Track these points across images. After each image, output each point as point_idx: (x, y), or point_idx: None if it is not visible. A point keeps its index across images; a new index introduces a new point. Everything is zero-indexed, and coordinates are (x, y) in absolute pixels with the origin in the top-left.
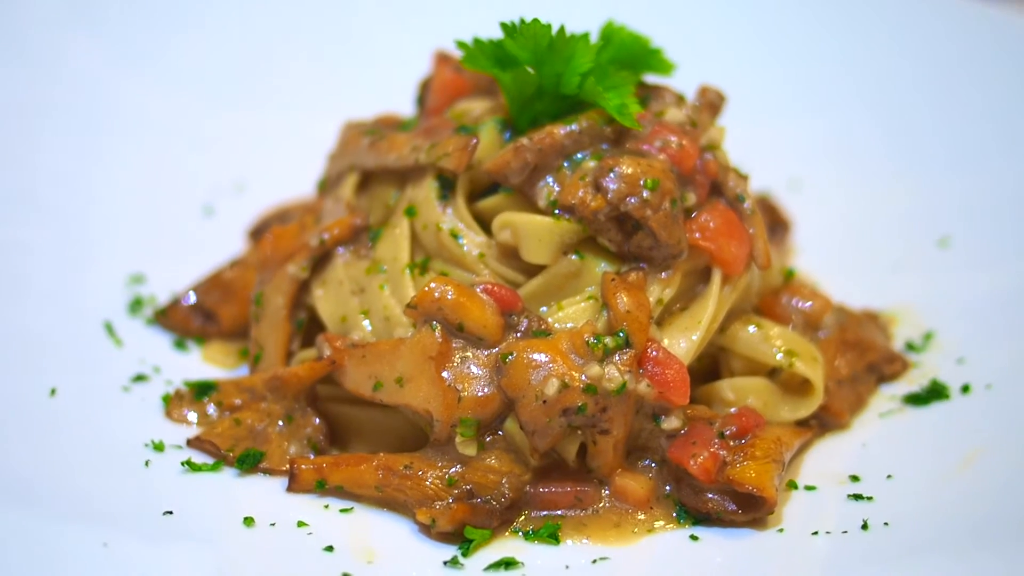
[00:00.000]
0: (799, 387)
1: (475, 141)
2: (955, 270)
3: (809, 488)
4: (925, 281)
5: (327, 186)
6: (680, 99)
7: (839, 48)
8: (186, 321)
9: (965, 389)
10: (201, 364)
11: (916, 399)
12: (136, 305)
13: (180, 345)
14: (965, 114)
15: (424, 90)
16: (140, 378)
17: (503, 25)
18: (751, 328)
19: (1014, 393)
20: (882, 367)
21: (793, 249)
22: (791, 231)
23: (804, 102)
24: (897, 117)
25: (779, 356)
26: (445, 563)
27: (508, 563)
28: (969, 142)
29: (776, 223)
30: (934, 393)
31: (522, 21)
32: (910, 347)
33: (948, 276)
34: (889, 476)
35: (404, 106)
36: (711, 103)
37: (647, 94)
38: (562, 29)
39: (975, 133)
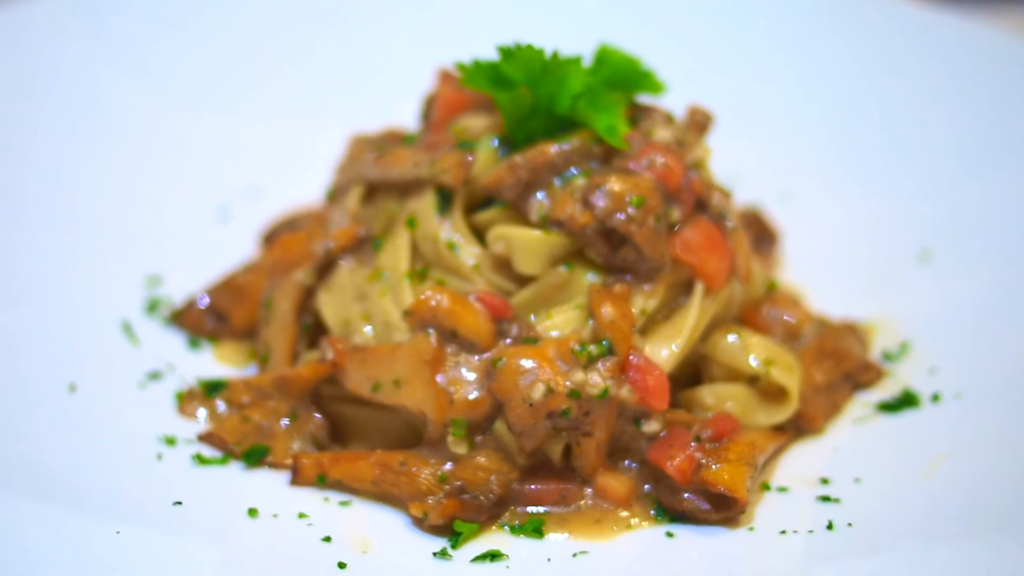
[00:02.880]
0: (776, 394)
1: (471, 158)
2: (934, 283)
3: (781, 490)
4: (905, 293)
5: (334, 196)
6: (669, 119)
7: (829, 68)
8: (200, 322)
9: (935, 398)
10: (213, 363)
11: (888, 406)
12: (153, 306)
13: (194, 345)
14: (949, 131)
15: (428, 106)
16: (155, 376)
17: (500, 48)
18: (731, 337)
19: (981, 402)
20: (857, 375)
21: (780, 260)
22: (778, 243)
23: (797, 119)
24: (885, 135)
25: (757, 364)
26: (435, 554)
27: (494, 555)
28: (954, 158)
29: (764, 235)
30: (905, 401)
31: (518, 45)
32: (886, 356)
33: (927, 289)
34: (857, 479)
35: (411, 119)
36: (699, 123)
37: (638, 113)
38: (555, 53)
39: (960, 149)
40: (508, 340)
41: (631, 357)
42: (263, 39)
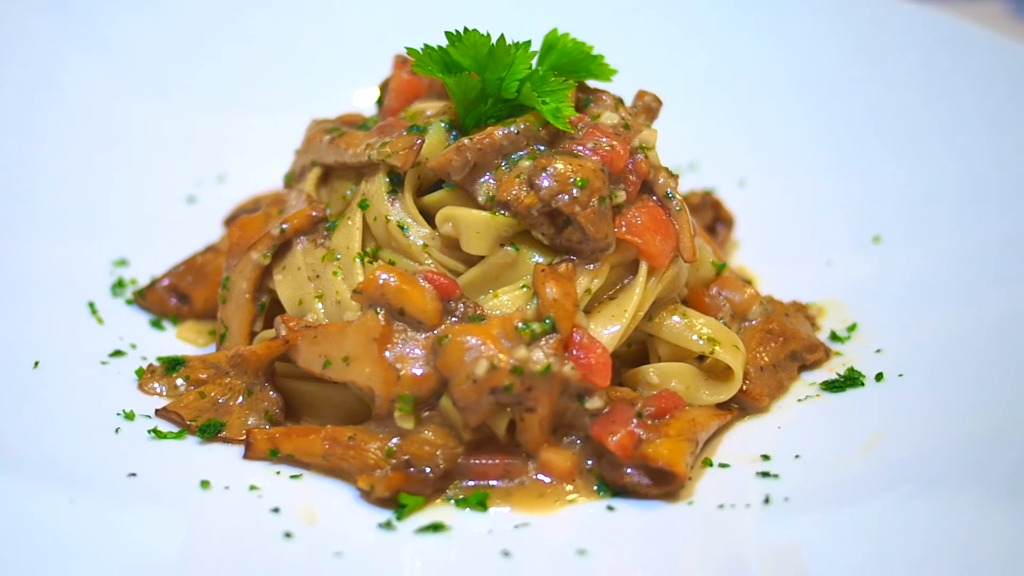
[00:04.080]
0: (721, 373)
1: (420, 141)
2: (884, 266)
3: (723, 466)
4: (856, 276)
5: (293, 179)
6: (618, 103)
7: (787, 58)
8: (162, 302)
9: (879, 377)
10: (175, 342)
11: (833, 385)
12: (118, 287)
13: (156, 324)
14: (905, 118)
15: (383, 91)
16: (118, 353)
17: (447, 33)
18: (676, 318)
19: (921, 382)
20: (804, 355)
21: (737, 244)
22: (734, 227)
23: (756, 107)
24: (843, 123)
25: (701, 343)
26: (380, 525)
27: (437, 527)
28: (909, 144)
29: (719, 219)
30: (850, 380)
31: (465, 30)
32: (834, 337)
33: (877, 272)
34: (797, 456)
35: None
36: (648, 106)
37: (587, 97)
38: (501, 38)
39: (916, 135)
40: (454, 318)
41: (574, 335)
42: (230, 30)
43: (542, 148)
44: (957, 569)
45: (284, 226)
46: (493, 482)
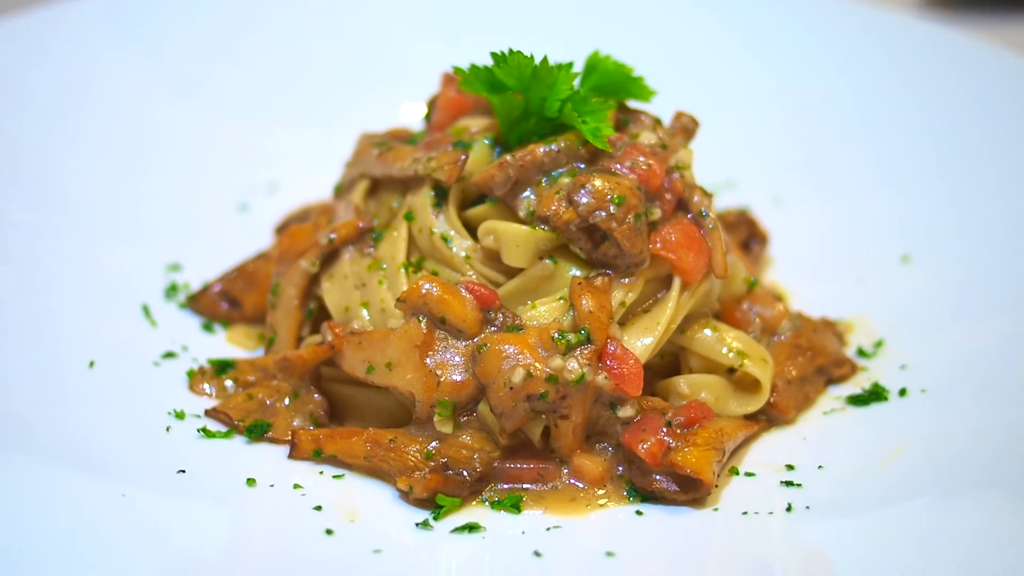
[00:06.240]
0: (750, 385)
1: (464, 156)
2: (912, 285)
3: (749, 474)
4: (884, 294)
5: (341, 191)
6: (656, 123)
7: (822, 79)
8: (214, 306)
9: (902, 392)
10: (225, 345)
11: (857, 399)
12: (171, 291)
13: (208, 328)
14: (936, 139)
15: (430, 107)
16: (170, 355)
17: (493, 54)
18: (707, 331)
19: (944, 397)
20: (831, 370)
21: (770, 260)
22: (767, 244)
23: (791, 127)
24: (876, 143)
25: (731, 356)
26: (417, 525)
27: (472, 527)
28: (939, 166)
29: (754, 236)
30: (874, 395)
31: (510, 51)
32: (861, 353)
33: (905, 290)
34: (820, 466)
35: (419, 121)
36: (685, 127)
37: (627, 117)
38: (545, 59)
39: (947, 157)
40: (494, 328)
41: (608, 346)
42: (286, 48)
43: (582, 166)
44: None
45: (332, 236)
46: (527, 485)
